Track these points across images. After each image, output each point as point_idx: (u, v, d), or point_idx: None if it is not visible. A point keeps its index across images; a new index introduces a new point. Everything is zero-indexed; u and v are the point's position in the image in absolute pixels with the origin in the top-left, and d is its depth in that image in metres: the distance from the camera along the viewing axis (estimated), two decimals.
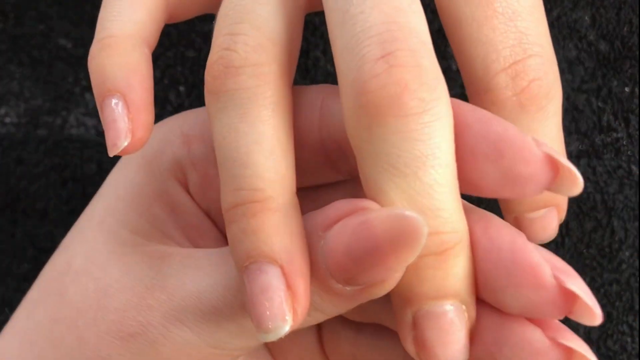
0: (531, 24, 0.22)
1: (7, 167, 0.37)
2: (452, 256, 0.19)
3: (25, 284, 0.37)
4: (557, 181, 0.19)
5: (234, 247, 0.20)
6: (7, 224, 0.37)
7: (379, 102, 0.19)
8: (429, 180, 0.19)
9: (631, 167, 0.37)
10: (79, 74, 0.39)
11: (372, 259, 0.19)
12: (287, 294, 0.20)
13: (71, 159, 0.37)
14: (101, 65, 0.22)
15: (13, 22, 0.39)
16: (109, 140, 0.22)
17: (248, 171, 0.20)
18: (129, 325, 0.22)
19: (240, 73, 0.20)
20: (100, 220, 0.25)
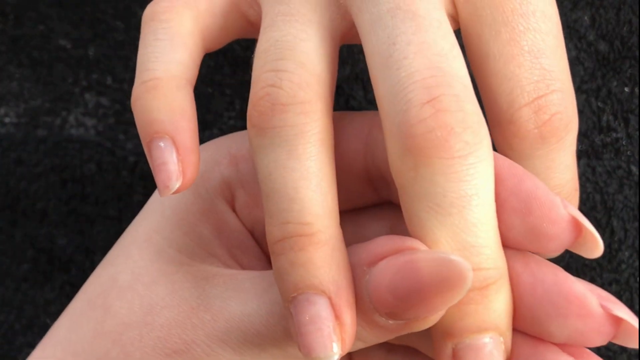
0: (554, 61, 0.23)
1: (7, 167, 0.37)
2: (493, 291, 0.20)
3: (25, 284, 0.37)
4: (579, 242, 0.21)
5: (281, 279, 0.21)
6: (6, 225, 0.37)
7: (426, 144, 0.20)
8: (473, 219, 0.20)
9: (631, 167, 0.37)
10: (78, 75, 0.39)
11: (416, 298, 0.20)
12: (335, 324, 0.20)
13: (71, 159, 0.37)
14: (148, 107, 0.23)
15: (13, 22, 0.39)
16: (160, 182, 0.23)
17: (296, 206, 0.21)
18: (174, 343, 0.23)
19: (287, 110, 0.21)
20: (146, 238, 0.25)
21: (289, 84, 0.21)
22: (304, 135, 0.21)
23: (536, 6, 0.23)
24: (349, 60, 0.38)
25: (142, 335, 0.24)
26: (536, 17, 0.23)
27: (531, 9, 0.23)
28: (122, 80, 0.39)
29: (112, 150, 0.37)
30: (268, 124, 0.21)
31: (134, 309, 0.24)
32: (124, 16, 0.39)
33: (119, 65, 0.39)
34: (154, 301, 0.24)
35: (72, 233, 0.37)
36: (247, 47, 0.38)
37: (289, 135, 0.21)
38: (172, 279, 0.24)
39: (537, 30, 0.23)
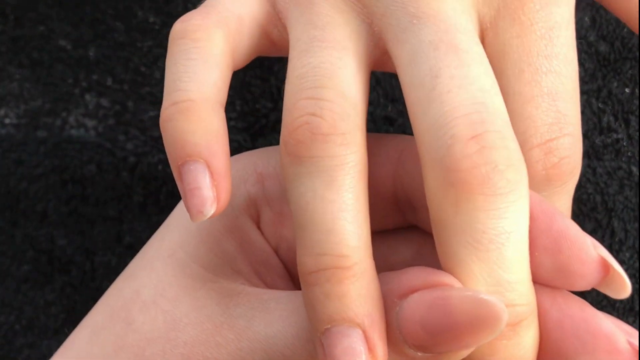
0: (569, 105, 0.23)
1: (7, 168, 0.37)
2: (524, 327, 0.21)
3: (25, 285, 0.37)
4: (607, 282, 0.21)
5: (315, 310, 0.21)
6: (6, 226, 0.37)
7: (470, 180, 0.20)
8: (510, 256, 0.20)
9: (631, 168, 0.37)
10: (78, 75, 0.39)
11: (447, 335, 0.20)
12: (369, 357, 0.21)
13: (71, 160, 0.37)
14: (181, 130, 0.23)
15: (13, 23, 0.39)
16: (193, 207, 0.22)
17: (333, 237, 0.21)
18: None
19: (327, 141, 0.21)
20: (170, 253, 0.25)
21: (329, 113, 0.21)
22: (344, 167, 0.21)
23: (560, 49, 0.23)
24: None
25: (165, 351, 0.24)
26: (559, 59, 0.23)
27: (555, 51, 0.23)
28: (123, 81, 0.39)
29: (112, 151, 0.37)
30: (307, 153, 0.21)
31: (158, 325, 0.24)
32: (124, 17, 0.39)
33: (119, 66, 0.39)
34: (178, 317, 0.24)
35: (73, 234, 0.37)
36: None
37: (329, 166, 0.21)
38: (196, 296, 0.24)
39: (559, 73, 0.23)
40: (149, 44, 0.39)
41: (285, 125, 0.22)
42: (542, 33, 0.23)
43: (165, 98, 0.24)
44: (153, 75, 0.39)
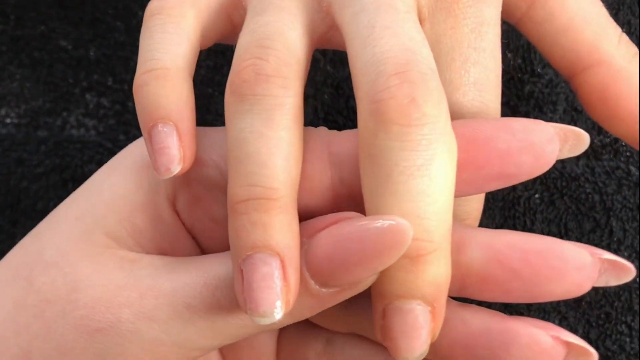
0: (492, 97, 0.26)
1: (8, 167, 0.37)
2: (424, 262, 0.21)
3: None
4: (568, 145, 0.24)
5: (239, 237, 0.22)
6: (7, 225, 0.37)
7: (387, 110, 0.21)
8: (417, 189, 0.21)
9: (630, 167, 0.37)
10: (79, 75, 0.39)
11: (353, 262, 0.21)
12: (283, 285, 0.22)
13: (71, 159, 0.37)
14: (154, 94, 0.24)
15: (13, 23, 0.40)
16: (161, 164, 0.24)
17: (266, 171, 0.22)
18: (97, 321, 0.24)
19: (270, 81, 0.23)
20: (77, 216, 0.26)
21: (274, 59, 0.23)
22: (282, 107, 0.23)
23: (487, 44, 0.25)
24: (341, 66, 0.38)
25: (65, 312, 0.24)
26: (486, 53, 0.25)
27: (483, 45, 0.25)
28: (123, 80, 0.39)
29: (113, 150, 0.37)
30: (250, 92, 0.23)
31: (58, 286, 0.24)
32: (124, 16, 0.39)
33: (119, 65, 0.39)
34: (78, 279, 0.24)
35: None
36: None
37: (269, 104, 0.23)
38: (98, 260, 0.25)
39: (485, 66, 0.25)
40: None
41: (233, 68, 0.23)
42: (473, 27, 0.25)
43: (140, 66, 0.25)
44: None
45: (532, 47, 0.37)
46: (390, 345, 0.22)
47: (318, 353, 0.28)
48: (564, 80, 0.37)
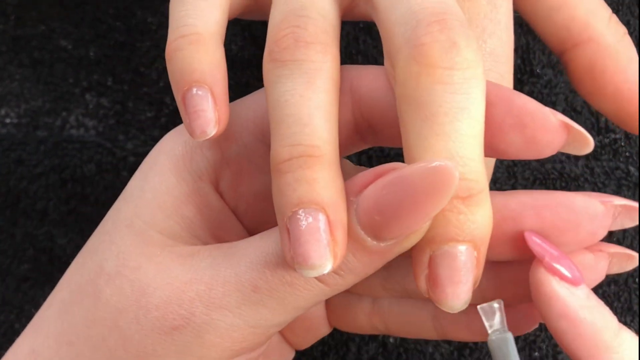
0: (507, 68, 0.26)
1: (7, 167, 0.37)
2: (474, 203, 0.22)
3: (25, 284, 0.37)
4: (570, 142, 0.23)
5: (284, 195, 0.22)
6: (7, 224, 0.37)
7: (431, 53, 0.22)
8: (463, 130, 0.22)
9: (629, 167, 0.37)
10: (79, 75, 0.39)
11: (405, 211, 0.21)
12: (330, 239, 0.22)
13: (71, 159, 0.37)
14: (189, 58, 0.25)
15: (14, 23, 0.40)
16: (197, 127, 0.24)
17: (308, 129, 0.22)
18: (172, 320, 0.24)
19: (309, 47, 0.23)
20: (128, 223, 0.26)
21: (312, 27, 0.24)
22: (321, 71, 0.23)
23: (502, 17, 0.26)
24: (348, 61, 0.38)
25: (138, 318, 0.24)
26: (501, 25, 0.26)
27: (498, 17, 0.26)
28: (123, 80, 0.39)
29: (112, 150, 0.37)
30: (290, 57, 0.23)
31: (126, 294, 0.25)
32: (124, 16, 0.39)
33: (119, 65, 0.39)
34: (145, 283, 0.25)
35: (72, 233, 0.37)
36: (243, 47, 0.38)
37: (309, 69, 0.23)
38: (158, 261, 0.25)
39: (500, 37, 0.26)
40: (148, 45, 0.39)
41: (271, 37, 0.24)
42: (488, 0, 0.26)
43: (173, 32, 0.26)
44: (150, 75, 0.39)
45: (531, 48, 0.37)
46: (436, 294, 0.23)
47: (367, 313, 0.29)
48: (563, 81, 0.37)
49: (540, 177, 0.37)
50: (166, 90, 0.38)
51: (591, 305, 0.24)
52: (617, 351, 0.23)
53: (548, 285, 0.23)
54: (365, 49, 0.38)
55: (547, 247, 0.24)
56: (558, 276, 0.24)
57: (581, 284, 0.24)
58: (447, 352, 0.36)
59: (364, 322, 0.30)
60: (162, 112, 0.38)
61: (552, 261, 0.24)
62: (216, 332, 0.24)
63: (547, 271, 0.24)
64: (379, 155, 0.37)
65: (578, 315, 0.23)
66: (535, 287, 0.24)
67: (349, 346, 0.36)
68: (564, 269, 0.24)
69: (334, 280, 0.24)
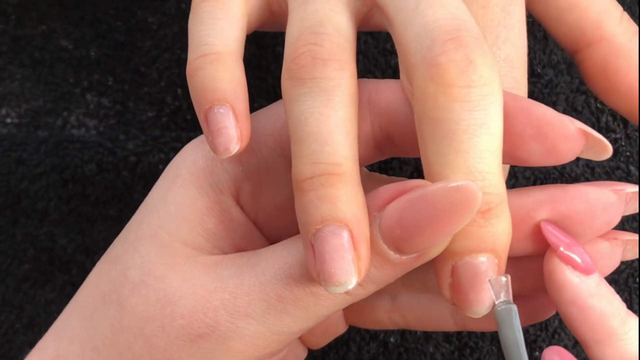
0: (521, 72, 0.27)
1: (8, 167, 0.37)
2: (494, 215, 0.22)
3: (25, 284, 0.37)
4: (588, 148, 0.24)
5: (307, 213, 0.23)
6: (7, 224, 0.37)
7: (447, 73, 0.22)
8: (481, 146, 0.22)
9: (630, 167, 0.37)
10: (79, 75, 0.39)
11: (428, 227, 0.22)
12: (354, 255, 0.22)
13: (72, 159, 0.37)
14: (210, 77, 0.25)
15: (14, 23, 0.40)
16: (220, 144, 0.25)
17: (328, 148, 0.23)
18: (198, 328, 0.25)
19: (327, 65, 0.24)
20: (152, 234, 0.26)
21: (329, 43, 0.24)
22: (340, 88, 0.24)
23: (515, 23, 0.27)
24: None
25: (164, 326, 0.25)
26: (514, 31, 0.26)
27: (512, 23, 0.26)
28: (123, 80, 0.39)
29: (113, 150, 0.37)
30: (308, 76, 0.24)
31: (151, 303, 0.25)
32: (124, 16, 0.39)
33: (120, 65, 0.39)
34: (170, 292, 0.25)
35: (73, 233, 0.37)
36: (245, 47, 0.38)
37: (327, 86, 0.23)
38: (182, 270, 0.26)
39: (514, 43, 0.26)
40: (148, 44, 0.39)
41: (289, 55, 0.24)
42: (502, 6, 0.27)
43: (193, 51, 0.26)
44: (151, 75, 0.39)
45: (531, 48, 0.37)
46: (460, 301, 0.23)
47: (387, 310, 0.30)
48: (564, 81, 0.37)
49: (541, 176, 0.37)
50: (167, 90, 0.38)
51: (601, 293, 0.24)
52: (623, 338, 0.24)
53: (561, 274, 0.24)
54: (366, 49, 0.38)
55: (561, 236, 0.24)
56: (571, 265, 0.24)
57: (593, 273, 0.24)
58: (447, 352, 0.36)
59: (384, 318, 0.30)
60: (163, 112, 0.38)
61: (566, 250, 0.24)
62: (241, 339, 0.25)
63: (561, 260, 0.24)
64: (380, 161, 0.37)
65: (587, 302, 0.24)
66: (549, 275, 0.24)
67: (350, 346, 0.36)
68: (577, 257, 0.24)
69: (356, 290, 0.24)
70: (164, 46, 0.39)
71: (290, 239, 0.25)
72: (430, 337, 0.36)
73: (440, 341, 0.36)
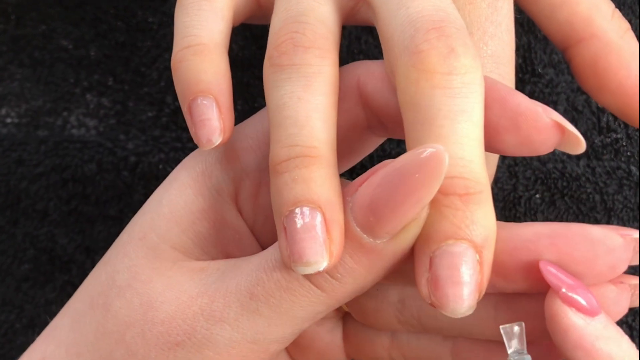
0: (508, 69, 0.27)
1: (8, 167, 0.37)
2: (473, 201, 0.22)
3: (25, 284, 0.37)
4: (564, 141, 0.24)
5: (281, 194, 0.23)
6: (7, 224, 0.37)
7: (429, 60, 0.22)
8: (461, 132, 0.22)
9: (630, 167, 0.37)
10: (79, 75, 0.39)
11: (396, 199, 0.22)
12: (326, 237, 0.22)
13: (72, 159, 0.37)
14: (193, 69, 0.25)
15: (14, 23, 0.40)
16: (202, 136, 0.25)
17: (305, 131, 0.23)
18: (175, 335, 0.24)
19: (308, 52, 0.24)
20: (141, 236, 0.26)
21: (311, 32, 0.24)
22: (320, 75, 0.24)
23: (503, 19, 0.27)
24: (350, 61, 0.38)
25: (144, 332, 0.25)
26: (502, 27, 0.26)
27: (499, 19, 0.26)
28: (123, 80, 0.39)
29: (113, 150, 0.37)
30: (289, 62, 0.24)
31: (134, 307, 0.25)
32: (124, 16, 0.39)
33: (120, 65, 0.39)
34: (153, 297, 0.25)
35: (73, 233, 0.37)
36: (244, 47, 0.38)
37: (307, 72, 0.24)
38: (168, 274, 0.25)
39: (501, 39, 0.26)
40: (148, 44, 0.39)
41: (271, 43, 0.24)
42: (489, 2, 0.27)
43: (178, 42, 0.26)
44: (151, 75, 0.39)
45: (532, 47, 0.37)
46: (437, 297, 0.22)
47: (386, 347, 0.29)
48: (565, 81, 0.37)
49: (542, 176, 0.37)
50: (167, 90, 0.38)
51: (608, 336, 0.23)
52: None
53: (564, 317, 0.23)
54: (367, 49, 0.38)
55: (562, 276, 0.23)
56: (575, 307, 0.23)
57: (598, 314, 0.23)
58: None
59: (384, 355, 0.29)
60: (163, 112, 0.38)
61: (568, 291, 0.23)
62: (215, 347, 0.24)
63: (563, 302, 0.23)
64: (380, 155, 0.37)
65: (594, 345, 0.23)
66: (551, 318, 0.23)
67: None
68: (580, 298, 0.23)
69: (332, 285, 0.23)
70: (164, 46, 0.39)
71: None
72: None
73: None
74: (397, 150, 0.37)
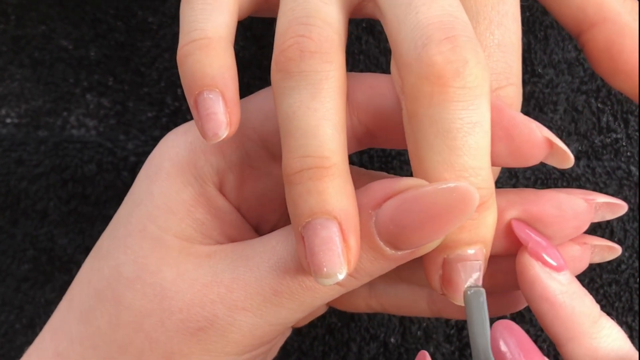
0: (514, 58, 0.27)
1: (8, 167, 0.37)
2: (485, 208, 0.23)
3: (25, 284, 0.37)
4: (552, 155, 0.25)
5: (297, 206, 0.23)
6: (7, 224, 0.37)
7: (444, 73, 0.22)
8: (475, 144, 0.23)
9: (630, 167, 0.37)
10: (79, 75, 0.39)
11: (424, 225, 0.23)
12: (344, 247, 0.23)
13: (72, 159, 0.37)
14: (199, 63, 0.25)
15: (14, 23, 0.40)
16: (209, 130, 0.25)
17: (316, 141, 0.23)
18: (196, 321, 0.25)
19: (314, 58, 0.24)
20: (141, 228, 0.27)
21: (317, 36, 0.24)
22: (327, 81, 0.24)
23: (509, 8, 0.27)
24: (350, 61, 0.38)
25: (162, 320, 0.25)
26: (508, 17, 0.26)
27: (505, 8, 0.27)
28: (123, 80, 0.39)
29: (113, 150, 0.37)
30: (296, 69, 0.24)
31: (149, 298, 0.26)
32: (124, 16, 0.39)
33: (120, 65, 0.39)
34: (166, 287, 0.26)
35: (73, 233, 0.37)
36: (244, 47, 0.38)
37: (314, 79, 0.24)
38: (176, 264, 0.26)
39: (508, 28, 0.26)
40: (148, 44, 0.39)
41: (277, 46, 0.25)
42: None
43: (183, 37, 0.26)
44: (151, 75, 0.39)
45: (532, 48, 0.37)
46: (450, 293, 0.24)
47: (364, 297, 0.31)
48: (565, 81, 0.37)
49: (542, 176, 0.37)
50: (167, 90, 0.38)
51: (572, 291, 0.25)
52: (595, 337, 0.24)
53: (532, 269, 0.25)
54: (367, 49, 0.38)
55: (532, 234, 0.25)
56: (541, 261, 0.25)
57: (564, 270, 0.25)
58: (448, 352, 0.36)
59: (361, 303, 0.31)
60: (162, 112, 0.38)
61: (536, 248, 0.25)
62: (239, 331, 0.25)
63: (531, 257, 0.25)
64: (380, 155, 0.37)
65: (557, 298, 0.24)
66: (520, 271, 0.25)
67: (350, 346, 0.36)
68: (547, 255, 0.25)
69: (350, 282, 0.25)
70: (164, 46, 0.39)
71: (280, 231, 0.26)
72: (430, 337, 0.36)
73: (440, 341, 0.36)
74: (397, 150, 0.37)
